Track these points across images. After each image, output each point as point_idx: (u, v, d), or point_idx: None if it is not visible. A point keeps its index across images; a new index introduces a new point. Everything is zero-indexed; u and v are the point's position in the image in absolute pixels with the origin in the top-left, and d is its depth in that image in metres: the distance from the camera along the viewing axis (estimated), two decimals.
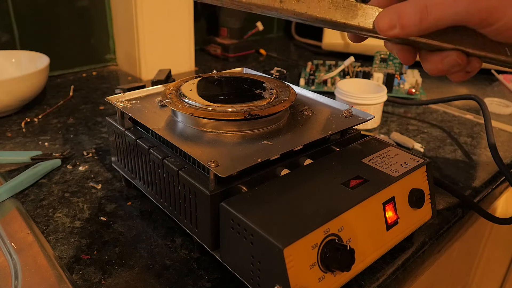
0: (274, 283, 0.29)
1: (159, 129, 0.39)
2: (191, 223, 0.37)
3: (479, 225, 0.64)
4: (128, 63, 0.88)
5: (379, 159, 0.39)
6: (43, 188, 0.48)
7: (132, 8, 0.79)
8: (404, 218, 0.37)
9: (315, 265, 0.30)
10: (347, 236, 0.32)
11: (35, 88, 0.65)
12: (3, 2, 0.75)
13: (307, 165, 0.38)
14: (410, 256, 0.39)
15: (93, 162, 0.54)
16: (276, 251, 0.28)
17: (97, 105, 0.72)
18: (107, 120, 0.46)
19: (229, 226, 0.32)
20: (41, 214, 0.44)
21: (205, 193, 0.33)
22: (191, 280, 0.36)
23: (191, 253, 0.39)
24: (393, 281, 0.37)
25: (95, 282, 0.35)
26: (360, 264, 0.34)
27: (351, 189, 0.34)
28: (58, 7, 0.82)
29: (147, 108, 0.44)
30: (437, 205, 0.46)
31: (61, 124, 0.64)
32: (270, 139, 0.38)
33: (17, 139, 0.59)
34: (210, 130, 0.39)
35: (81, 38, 0.87)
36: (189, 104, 0.40)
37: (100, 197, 0.47)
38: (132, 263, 0.37)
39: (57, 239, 0.40)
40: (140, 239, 0.40)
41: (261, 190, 0.34)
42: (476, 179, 0.52)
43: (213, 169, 0.32)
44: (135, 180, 0.44)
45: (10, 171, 0.51)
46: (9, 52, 0.73)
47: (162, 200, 0.40)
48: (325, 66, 0.89)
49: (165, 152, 0.39)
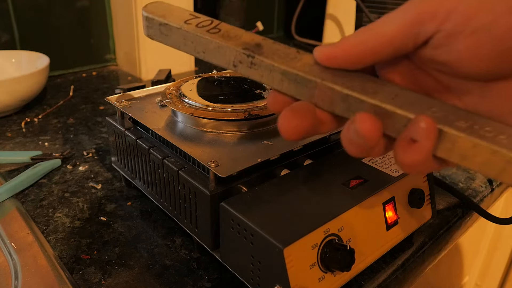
0: (274, 283, 0.29)
1: (159, 129, 0.39)
2: (191, 223, 0.37)
3: (479, 225, 0.64)
4: (128, 63, 0.88)
5: (379, 159, 0.39)
6: (43, 188, 0.48)
7: (132, 8, 0.79)
8: (404, 218, 0.37)
9: (315, 265, 0.30)
10: (347, 236, 0.32)
11: (35, 88, 0.65)
12: (3, 2, 0.75)
13: (307, 165, 0.38)
14: (410, 256, 0.39)
15: (93, 162, 0.54)
16: (276, 251, 0.28)
17: (97, 105, 0.72)
18: (107, 120, 0.46)
19: (229, 226, 0.32)
20: (41, 214, 0.44)
21: (205, 193, 0.33)
22: (191, 280, 0.36)
23: (191, 253, 0.39)
24: (393, 281, 0.37)
25: (95, 282, 0.35)
26: (360, 264, 0.34)
27: (351, 189, 0.34)
28: (58, 7, 0.82)
29: (147, 108, 0.44)
30: (437, 205, 0.46)
31: (61, 124, 0.64)
32: (270, 139, 0.38)
33: (17, 139, 0.59)
34: (210, 130, 0.39)
35: (81, 38, 0.87)
36: (189, 104, 0.40)
37: (100, 197, 0.47)
38: (132, 263, 0.37)
39: (57, 239, 0.40)
40: (140, 239, 0.40)
41: (261, 190, 0.34)
42: (476, 179, 0.52)
43: (213, 169, 0.32)
44: (135, 180, 0.44)
45: (10, 171, 0.51)
46: (9, 52, 0.73)
47: (162, 200, 0.40)
48: None
49: (165, 152, 0.39)
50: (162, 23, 0.28)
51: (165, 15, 0.29)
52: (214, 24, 0.28)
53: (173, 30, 0.28)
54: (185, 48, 0.28)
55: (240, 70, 0.27)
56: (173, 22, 0.28)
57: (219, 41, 0.27)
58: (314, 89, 0.25)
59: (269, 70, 0.26)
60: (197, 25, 0.28)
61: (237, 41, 0.27)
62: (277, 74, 0.26)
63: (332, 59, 0.25)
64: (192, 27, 0.28)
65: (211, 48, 0.27)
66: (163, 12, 0.29)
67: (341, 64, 0.25)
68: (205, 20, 0.29)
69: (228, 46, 0.26)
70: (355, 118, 0.23)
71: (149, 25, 0.29)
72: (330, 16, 1.01)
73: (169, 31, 0.28)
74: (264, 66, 0.26)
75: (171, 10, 0.29)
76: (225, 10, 0.99)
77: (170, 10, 0.29)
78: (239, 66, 0.27)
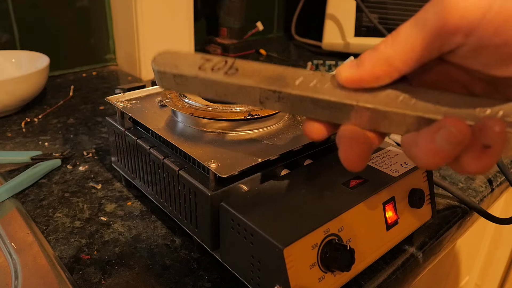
0: (274, 283, 0.29)
1: (159, 129, 0.39)
2: (191, 223, 0.37)
3: (479, 225, 0.64)
4: (128, 63, 0.88)
5: (379, 159, 0.39)
6: (43, 188, 0.48)
7: (132, 8, 0.79)
8: (404, 218, 0.37)
9: (315, 265, 0.30)
10: (347, 236, 0.32)
11: (35, 88, 0.65)
12: (3, 2, 0.75)
13: (307, 165, 0.38)
14: (410, 256, 0.39)
15: (93, 162, 0.54)
16: (276, 251, 0.28)
17: (97, 105, 0.72)
18: (107, 120, 0.46)
19: (229, 226, 0.32)
20: (41, 214, 0.44)
21: (205, 193, 0.33)
22: (191, 280, 0.36)
23: (191, 253, 0.39)
24: (393, 281, 0.37)
25: (95, 282, 0.35)
26: (360, 264, 0.34)
27: (351, 189, 0.34)
28: (58, 7, 0.82)
29: (147, 108, 0.44)
30: (437, 205, 0.46)
31: (61, 124, 0.64)
32: (270, 139, 0.38)
33: (17, 139, 0.59)
34: (210, 130, 0.39)
35: (81, 38, 0.87)
36: (189, 104, 0.40)
37: (100, 197, 0.47)
38: (132, 263, 0.37)
39: (57, 239, 0.40)
40: (140, 239, 0.40)
41: (261, 190, 0.34)
42: (476, 179, 0.52)
43: (213, 169, 0.32)
44: (135, 180, 0.44)
45: (10, 171, 0.51)
46: (9, 52, 0.73)
47: (162, 200, 0.40)
48: (325, 66, 0.89)
49: (165, 152, 0.39)
50: (176, 75, 0.27)
51: (177, 65, 0.27)
52: (229, 64, 0.27)
53: (189, 80, 0.27)
54: (205, 94, 0.27)
55: (268, 105, 0.26)
56: (187, 71, 0.27)
57: (240, 83, 0.26)
58: (350, 112, 0.24)
59: (299, 101, 0.25)
60: (212, 69, 0.27)
61: (258, 77, 0.26)
62: (308, 104, 0.25)
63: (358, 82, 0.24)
64: (208, 73, 0.26)
65: (233, 90, 0.26)
66: (174, 62, 0.27)
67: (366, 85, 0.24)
68: (218, 61, 0.27)
69: (251, 86, 0.26)
70: (444, 123, 0.21)
71: (162, 77, 0.28)
72: (330, 16, 1.01)
73: (185, 81, 0.27)
74: (293, 98, 0.25)
75: (181, 58, 0.28)
76: (225, 10, 0.98)
77: (180, 58, 0.28)
78: (266, 102, 0.26)
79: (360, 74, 0.24)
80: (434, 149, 0.21)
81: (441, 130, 0.21)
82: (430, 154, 0.22)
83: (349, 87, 0.24)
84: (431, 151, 0.21)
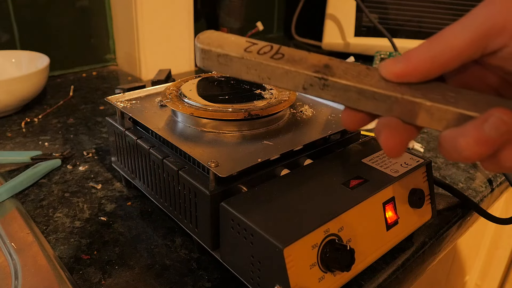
0: (274, 283, 0.29)
1: (159, 129, 0.39)
2: (191, 223, 0.37)
3: (479, 225, 0.64)
4: (128, 63, 0.88)
5: (379, 159, 0.39)
6: (43, 188, 0.48)
7: (132, 8, 0.79)
8: (404, 218, 0.37)
9: (315, 265, 0.30)
10: (347, 236, 0.32)
11: (35, 88, 0.65)
12: (3, 2, 0.75)
13: (307, 165, 0.38)
14: (410, 256, 0.39)
15: (93, 162, 0.54)
16: (276, 251, 0.28)
17: (97, 105, 0.72)
18: (107, 120, 0.46)
19: (229, 226, 0.32)
20: (41, 214, 0.44)
21: (205, 193, 0.33)
22: (191, 280, 0.36)
23: (191, 253, 0.39)
24: (393, 281, 0.37)
25: (95, 282, 0.35)
26: (360, 264, 0.34)
27: (351, 189, 0.34)
28: (58, 7, 0.82)
29: (147, 108, 0.44)
30: (437, 205, 0.46)
31: (61, 124, 0.64)
32: (270, 139, 0.38)
33: (17, 139, 0.59)
34: (210, 130, 0.39)
35: (81, 38, 0.87)
36: (189, 104, 0.40)
37: (100, 197, 0.47)
38: (132, 263, 0.37)
39: (57, 239, 0.40)
40: (140, 239, 0.40)
41: (261, 190, 0.34)
42: (476, 179, 0.52)
43: (213, 169, 0.32)
44: (135, 180, 0.44)
45: (10, 171, 0.51)
46: (9, 52, 0.74)
47: (162, 200, 0.40)
48: None
49: (165, 152, 0.39)
50: (221, 54, 0.27)
51: (222, 45, 0.28)
52: (275, 49, 0.28)
53: (234, 60, 0.27)
54: (247, 76, 0.28)
55: (311, 92, 0.27)
56: (233, 52, 0.27)
57: (286, 67, 0.26)
58: (393, 104, 0.25)
59: (343, 90, 0.26)
60: (258, 52, 0.27)
61: (304, 64, 0.26)
62: (352, 94, 0.26)
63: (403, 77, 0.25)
64: (254, 55, 0.27)
65: (278, 74, 0.27)
66: (219, 42, 0.28)
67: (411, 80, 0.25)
68: (264, 46, 0.28)
69: (297, 71, 0.26)
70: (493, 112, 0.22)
71: (205, 57, 0.28)
72: (330, 16, 1.01)
73: (229, 61, 0.27)
74: (339, 87, 0.26)
75: (225, 39, 0.28)
76: (225, 10, 0.98)
77: (225, 39, 0.28)
78: (310, 88, 0.26)
79: (404, 70, 0.25)
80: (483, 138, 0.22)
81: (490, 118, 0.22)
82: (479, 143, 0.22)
83: (394, 81, 0.25)
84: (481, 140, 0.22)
